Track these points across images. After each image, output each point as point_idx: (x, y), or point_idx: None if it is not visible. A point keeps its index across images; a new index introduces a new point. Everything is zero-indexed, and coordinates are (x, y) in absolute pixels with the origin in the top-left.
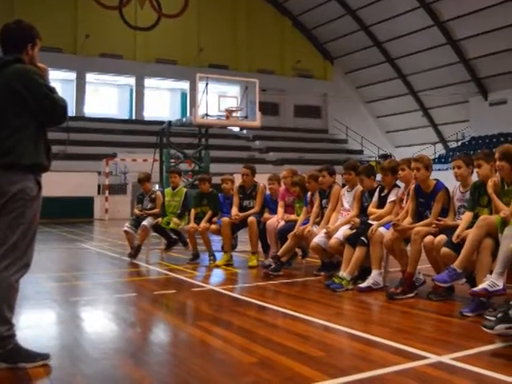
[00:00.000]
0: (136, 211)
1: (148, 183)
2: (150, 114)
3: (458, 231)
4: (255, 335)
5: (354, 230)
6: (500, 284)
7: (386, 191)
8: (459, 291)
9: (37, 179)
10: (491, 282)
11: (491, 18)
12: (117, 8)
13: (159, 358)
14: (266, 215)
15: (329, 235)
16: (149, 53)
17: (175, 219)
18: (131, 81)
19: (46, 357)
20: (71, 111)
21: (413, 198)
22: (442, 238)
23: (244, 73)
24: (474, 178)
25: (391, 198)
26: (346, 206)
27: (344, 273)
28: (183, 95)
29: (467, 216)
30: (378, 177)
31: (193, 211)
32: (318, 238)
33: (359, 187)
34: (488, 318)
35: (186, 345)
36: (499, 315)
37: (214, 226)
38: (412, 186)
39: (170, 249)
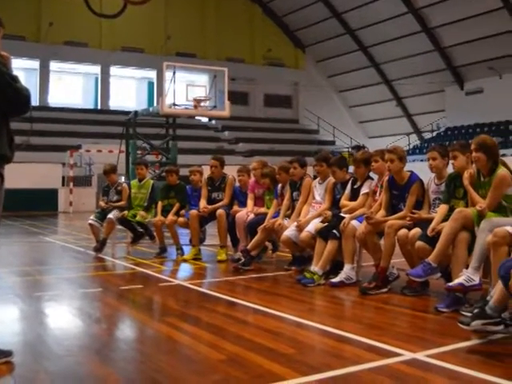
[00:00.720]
0: (101, 204)
1: (114, 175)
2: (115, 103)
3: (432, 224)
4: (224, 331)
5: (326, 223)
6: (476, 279)
7: (358, 183)
8: (434, 286)
9: None
10: (467, 276)
11: (467, 5)
12: None
13: (125, 354)
14: (236, 208)
15: (300, 228)
16: (114, 41)
17: (142, 212)
18: (96, 69)
19: (8, 354)
20: (34, 101)
21: (386, 191)
22: (416, 231)
23: (213, 61)
24: (450, 169)
25: (364, 190)
26: (318, 198)
27: (316, 267)
28: (150, 84)
29: (442, 209)
30: (351, 168)
31: (160, 204)
32: (289, 232)
33: (331, 179)
34: (464, 313)
35: (153, 341)
36: (475, 311)
37: (181, 219)
38: (385, 178)
39: (136, 242)
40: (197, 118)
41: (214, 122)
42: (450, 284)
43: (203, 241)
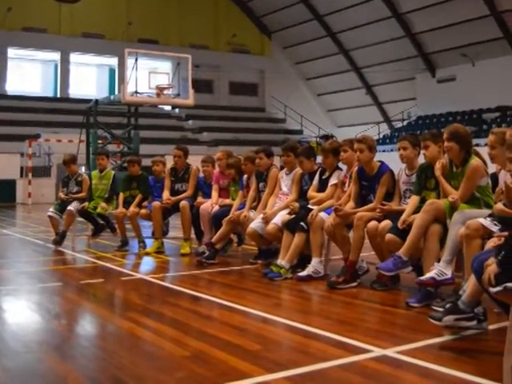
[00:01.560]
0: (61, 195)
1: (74, 165)
2: (75, 91)
3: (403, 216)
4: (188, 327)
5: (293, 216)
6: (448, 273)
7: (327, 174)
8: (405, 280)
9: None
10: (439, 270)
11: None
12: None
13: (86, 351)
14: (200, 199)
15: (266, 221)
16: (75, 27)
17: (103, 204)
18: (56, 56)
19: None
20: None
21: (355, 181)
22: (386, 223)
23: (176, 48)
24: (421, 159)
25: (333, 181)
26: (285, 189)
27: (282, 261)
28: (111, 72)
29: (413, 200)
30: (319, 159)
31: (121, 195)
32: (255, 224)
33: (298, 170)
34: (436, 308)
35: (115, 337)
36: (447, 306)
37: (143, 211)
38: (355, 169)
39: (97, 235)
40: (159, 106)
41: (177, 110)
42: (422, 278)
43: (166, 233)
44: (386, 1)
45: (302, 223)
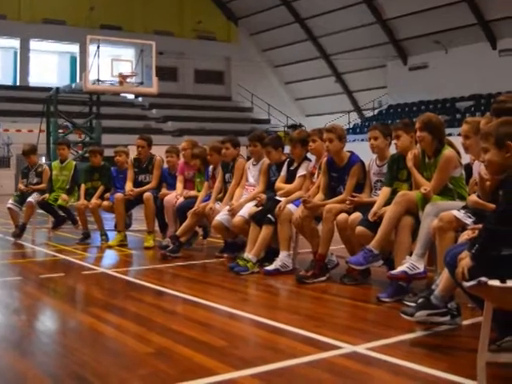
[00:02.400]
0: (21, 186)
1: (34, 156)
2: (36, 79)
3: (374, 208)
4: (151, 323)
5: (260, 207)
6: (420, 266)
7: (295, 164)
8: (376, 274)
9: None
10: (411, 264)
11: None
12: None
13: (46, 347)
14: (164, 191)
15: (232, 213)
16: (34, 12)
17: (64, 195)
18: (15, 43)
19: None
20: None
21: (325, 172)
22: (356, 215)
23: (139, 34)
24: (392, 150)
25: (301, 172)
26: (252, 180)
27: (249, 254)
28: (72, 59)
29: (384, 192)
30: (287, 149)
31: (83, 186)
32: (221, 216)
33: (266, 160)
34: (407, 303)
35: (76, 333)
36: (420, 301)
37: (106, 203)
38: (324, 159)
39: (58, 228)
40: (122, 94)
41: (140, 99)
42: (393, 272)
43: (129, 226)
44: None
45: (269, 215)
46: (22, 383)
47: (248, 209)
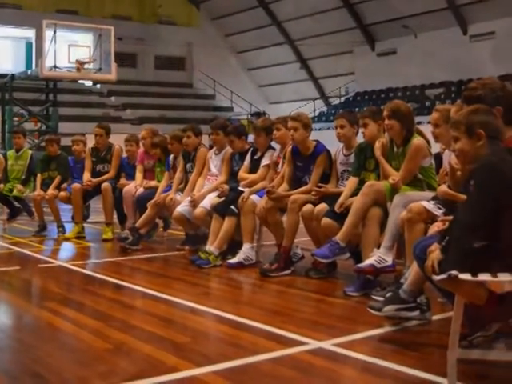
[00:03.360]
0: None
1: None
2: None
3: (340, 199)
4: (110, 318)
5: (223, 198)
6: (389, 259)
7: (259, 154)
8: (342, 268)
9: None
10: (379, 257)
11: None
12: None
13: (0, 343)
14: (123, 181)
15: (194, 204)
16: None
17: (19, 186)
18: None
19: None
20: None
21: (289, 162)
22: (322, 206)
23: (97, 19)
24: (360, 138)
25: (265, 161)
26: (214, 170)
27: (211, 247)
28: (28, 45)
29: (351, 182)
30: (250, 137)
31: (39, 176)
32: (182, 207)
33: (228, 149)
34: (375, 298)
35: (32, 329)
36: (388, 295)
37: (63, 194)
38: (289, 148)
39: (13, 219)
40: (80, 81)
41: (98, 86)
42: (360, 265)
43: (87, 217)
44: None
45: (232, 207)
46: None
47: (210, 200)
